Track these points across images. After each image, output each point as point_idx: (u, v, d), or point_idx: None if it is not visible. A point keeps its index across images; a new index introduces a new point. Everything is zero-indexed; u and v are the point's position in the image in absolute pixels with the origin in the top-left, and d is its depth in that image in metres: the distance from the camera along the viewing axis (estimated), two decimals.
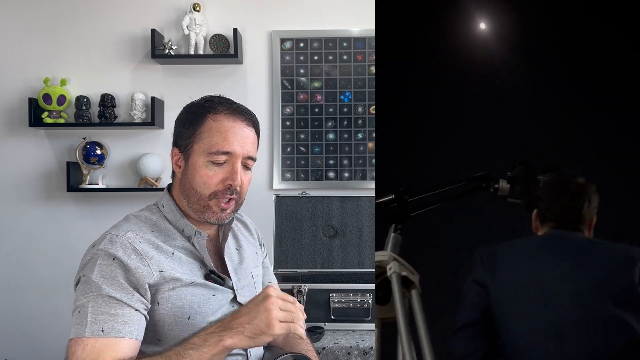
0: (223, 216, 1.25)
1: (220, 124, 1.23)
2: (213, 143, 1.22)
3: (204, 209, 1.24)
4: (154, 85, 3.02)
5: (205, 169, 1.22)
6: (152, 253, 1.17)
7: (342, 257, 2.25)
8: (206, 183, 1.22)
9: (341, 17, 3.02)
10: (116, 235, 1.16)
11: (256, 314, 1.06)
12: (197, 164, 1.23)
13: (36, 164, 3.02)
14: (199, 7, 2.93)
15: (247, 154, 1.25)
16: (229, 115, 1.24)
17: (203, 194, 1.23)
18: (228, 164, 1.23)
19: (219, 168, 1.22)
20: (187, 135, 1.26)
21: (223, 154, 1.22)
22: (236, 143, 1.22)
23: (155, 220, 1.26)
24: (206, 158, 1.22)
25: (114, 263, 1.12)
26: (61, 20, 3.03)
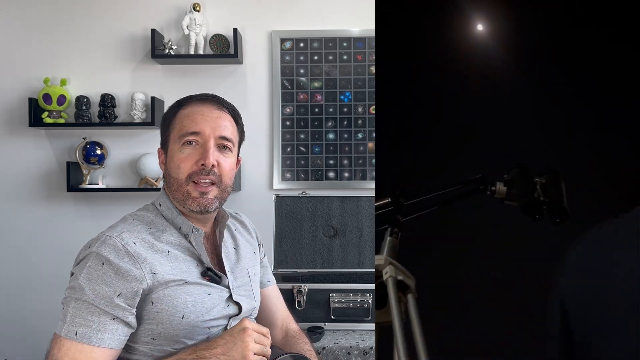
0: (204, 201, 1.23)
1: (189, 110, 1.27)
2: (182, 126, 1.25)
3: (185, 197, 1.23)
4: (154, 85, 3.02)
5: (178, 153, 1.24)
6: (146, 254, 1.17)
7: (342, 257, 2.25)
8: (180, 167, 1.23)
9: (341, 17, 3.02)
10: (110, 237, 1.17)
11: (232, 345, 1.11)
12: (172, 152, 1.26)
13: (36, 164, 3.03)
14: (199, 7, 2.93)
15: (219, 134, 1.25)
16: (198, 101, 1.28)
17: (180, 178, 1.23)
18: (200, 147, 1.24)
19: (192, 149, 1.24)
20: (163, 130, 1.31)
21: (192, 134, 1.23)
22: (204, 123, 1.24)
23: (152, 218, 1.26)
24: (178, 143, 1.24)
25: (103, 268, 1.12)
26: (61, 20, 3.03)
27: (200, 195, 1.23)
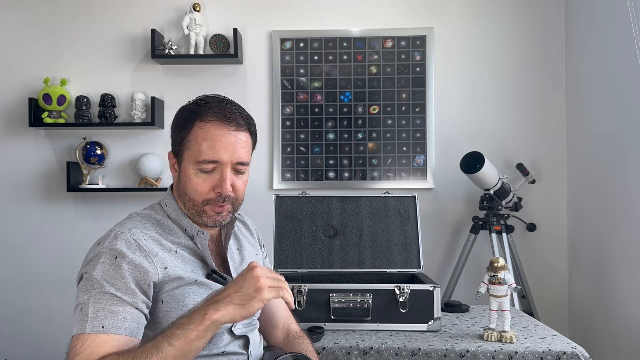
0: (219, 219, 1.25)
1: (207, 132, 1.21)
2: (200, 152, 1.21)
3: (200, 213, 1.24)
4: (154, 85, 3.02)
5: (195, 177, 1.22)
6: (157, 250, 1.18)
7: (342, 257, 2.24)
8: (197, 191, 1.23)
9: (341, 17, 3.03)
10: (120, 232, 1.17)
11: (243, 282, 1.07)
12: (187, 172, 1.24)
13: (36, 164, 3.03)
14: (199, 7, 2.93)
15: (237, 160, 1.23)
16: (216, 122, 1.22)
17: (196, 200, 1.23)
18: (217, 172, 1.23)
19: (208, 176, 1.22)
20: (177, 141, 1.27)
21: (210, 162, 1.21)
22: (223, 151, 1.21)
23: (159, 219, 1.27)
24: (195, 167, 1.22)
25: (117, 261, 1.12)
26: (61, 20, 3.03)
27: (216, 214, 1.25)
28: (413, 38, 2.99)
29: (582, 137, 2.84)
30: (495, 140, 3.00)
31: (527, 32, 3.01)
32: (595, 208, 2.69)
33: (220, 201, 1.23)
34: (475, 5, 3.02)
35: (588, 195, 2.77)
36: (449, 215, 3.03)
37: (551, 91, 3.01)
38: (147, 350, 1.02)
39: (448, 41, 3.01)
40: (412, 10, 3.03)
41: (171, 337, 1.03)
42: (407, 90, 2.99)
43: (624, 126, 2.42)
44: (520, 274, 2.83)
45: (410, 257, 2.24)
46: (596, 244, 2.68)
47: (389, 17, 3.02)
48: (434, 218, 3.01)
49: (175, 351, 1.02)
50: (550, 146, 3.00)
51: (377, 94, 2.99)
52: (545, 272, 3.01)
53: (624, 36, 2.40)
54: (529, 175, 2.89)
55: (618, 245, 2.47)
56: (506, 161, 2.99)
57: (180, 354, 1.03)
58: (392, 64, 2.99)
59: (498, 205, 2.79)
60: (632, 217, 2.35)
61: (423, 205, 2.90)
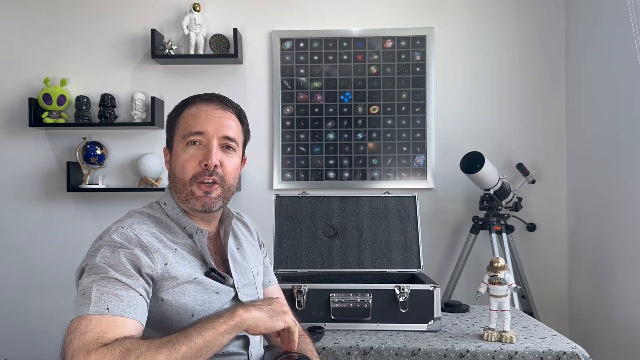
0: (208, 200, 1.24)
1: (193, 109, 1.27)
2: (186, 126, 1.25)
3: (189, 197, 1.24)
4: (154, 85, 3.02)
5: (183, 154, 1.24)
6: (157, 245, 1.17)
7: (342, 257, 2.24)
8: (184, 167, 1.24)
9: (341, 17, 3.03)
10: (121, 227, 1.16)
11: (271, 302, 1.16)
12: (177, 152, 1.26)
13: (36, 164, 3.03)
14: (199, 7, 2.93)
15: (222, 134, 1.25)
16: (202, 101, 1.28)
17: (184, 179, 1.24)
18: (204, 146, 1.24)
19: (195, 150, 1.24)
20: (168, 130, 1.31)
21: (195, 134, 1.23)
22: (208, 122, 1.24)
23: (158, 217, 1.26)
24: (182, 143, 1.25)
25: (118, 251, 1.11)
26: (61, 20, 3.03)
27: (204, 195, 1.24)
28: (413, 38, 2.99)
29: (582, 137, 2.84)
30: (495, 140, 3.00)
31: (527, 32, 3.01)
32: (595, 208, 2.69)
33: (207, 174, 1.22)
34: (475, 5, 3.02)
35: (588, 195, 2.77)
36: (449, 215, 3.03)
37: (551, 91, 3.01)
38: (175, 338, 1.01)
39: (448, 41, 3.01)
40: (412, 10, 3.03)
41: (201, 328, 1.04)
42: (407, 90, 2.99)
43: (624, 126, 2.42)
44: (520, 274, 2.83)
45: (410, 257, 2.24)
46: (596, 244, 2.68)
47: (389, 17, 3.02)
48: (434, 218, 3.01)
49: (203, 342, 1.02)
50: (550, 146, 3.00)
51: (377, 94, 2.99)
52: (545, 272, 3.01)
53: (624, 36, 2.40)
54: (529, 175, 2.89)
55: (618, 245, 2.47)
56: (506, 161, 2.99)
57: (207, 345, 1.03)
58: (392, 64, 2.99)
59: (498, 205, 2.79)
60: (632, 217, 2.35)
61: (423, 205, 2.90)
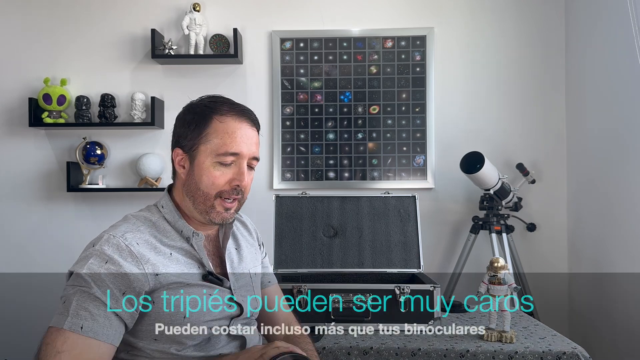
0: (227, 216, 1.27)
1: (227, 126, 1.25)
2: (221, 144, 1.23)
3: (209, 209, 1.25)
4: (154, 85, 3.02)
5: (212, 169, 1.24)
6: (149, 255, 1.17)
7: (342, 257, 2.25)
8: (214, 183, 1.24)
9: (341, 17, 3.03)
10: (113, 236, 1.17)
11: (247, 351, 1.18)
12: (203, 165, 1.24)
13: (36, 164, 3.02)
14: (199, 7, 2.93)
15: (253, 155, 1.27)
16: (235, 117, 1.26)
17: (210, 194, 1.24)
18: (235, 165, 1.25)
19: (226, 169, 1.24)
20: (192, 136, 1.26)
21: (231, 155, 1.24)
22: (243, 144, 1.25)
23: (155, 221, 1.26)
24: (214, 159, 1.24)
25: (106, 265, 1.12)
26: (61, 20, 3.03)
27: (225, 211, 1.26)
28: (413, 38, 2.99)
29: (582, 137, 2.84)
30: (495, 140, 3.00)
31: (527, 32, 3.01)
32: (595, 208, 2.69)
33: (234, 194, 1.25)
34: (475, 5, 3.02)
35: (588, 195, 2.77)
36: (449, 215, 3.03)
37: (551, 91, 3.01)
38: None
39: (448, 41, 3.01)
40: (412, 10, 3.02)
41: None
42: (407, 90, 2.99)
43: (624, 126, 2.42)
44: (520, 274, 2.83)
45: (410, 257, 2.24)
46: (596, 244, 2.68)
47: (389, 17, 3.02)
48: (434, 218, 3.01)
49: None
50: (550, 146, 3.00)
51: (377, 94, 2.99)
52: (545, 272, 3.01)
53: (624, 36, 2.40)
54: (529, 175, 2.89)
55: (618, 245, 2.47)
56: (506, 161, 2.99)
57: None
58: (392, 64, 2.99)
59: (498, 205, 2.79)
60: (632, 217, 2.35)
61: (423, 205, 2.89)
